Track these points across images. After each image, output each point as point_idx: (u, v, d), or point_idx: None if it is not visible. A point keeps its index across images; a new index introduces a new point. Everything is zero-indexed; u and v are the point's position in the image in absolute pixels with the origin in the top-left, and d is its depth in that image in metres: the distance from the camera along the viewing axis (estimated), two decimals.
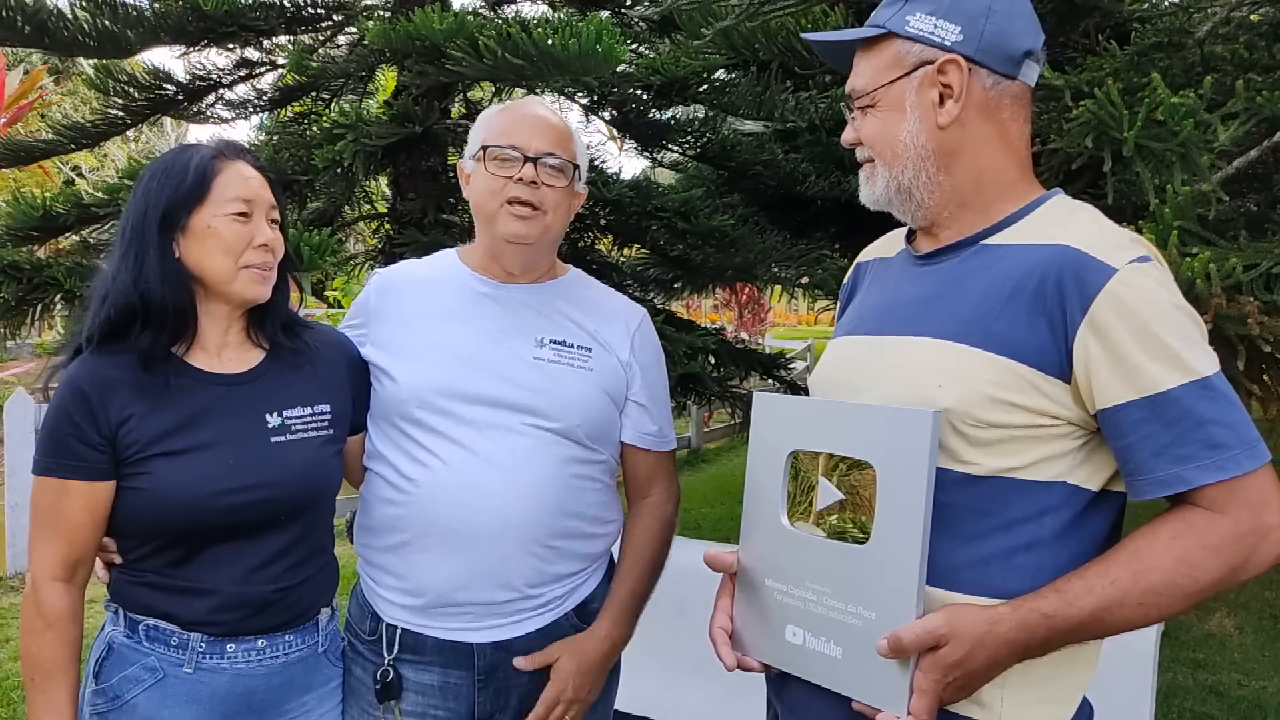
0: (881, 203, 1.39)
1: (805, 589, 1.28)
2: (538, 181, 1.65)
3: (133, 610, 1.54)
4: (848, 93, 1.40)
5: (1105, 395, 1.17)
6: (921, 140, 1.33)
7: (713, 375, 4.42)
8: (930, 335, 1.28)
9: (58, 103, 16.42)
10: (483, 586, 1.63)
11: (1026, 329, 1.20)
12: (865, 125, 1.38)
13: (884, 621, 1.18)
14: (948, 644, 1.14)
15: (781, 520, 1.32)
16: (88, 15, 4.01)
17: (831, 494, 1.27)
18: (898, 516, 1.19)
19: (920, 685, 1.14)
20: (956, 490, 1.21)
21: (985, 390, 1.20)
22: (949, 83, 1.30)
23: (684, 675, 3.18)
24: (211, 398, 1.54)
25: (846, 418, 1.28)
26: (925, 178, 1.33)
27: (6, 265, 3.50)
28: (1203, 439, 1.14)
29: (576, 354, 1.71)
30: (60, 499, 1.48)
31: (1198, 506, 1.16)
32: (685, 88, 4.20)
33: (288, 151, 3.96)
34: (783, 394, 1.55)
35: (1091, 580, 1.16)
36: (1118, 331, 1.16)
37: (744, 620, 1.38)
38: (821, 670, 1.26)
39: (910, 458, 1.18)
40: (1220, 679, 4.13)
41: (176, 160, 1.54)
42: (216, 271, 1.53)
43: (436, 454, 1.63)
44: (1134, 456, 1.17)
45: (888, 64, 1.34)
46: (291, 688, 1.60)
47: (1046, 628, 1.15)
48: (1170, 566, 1.14)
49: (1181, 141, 1.75)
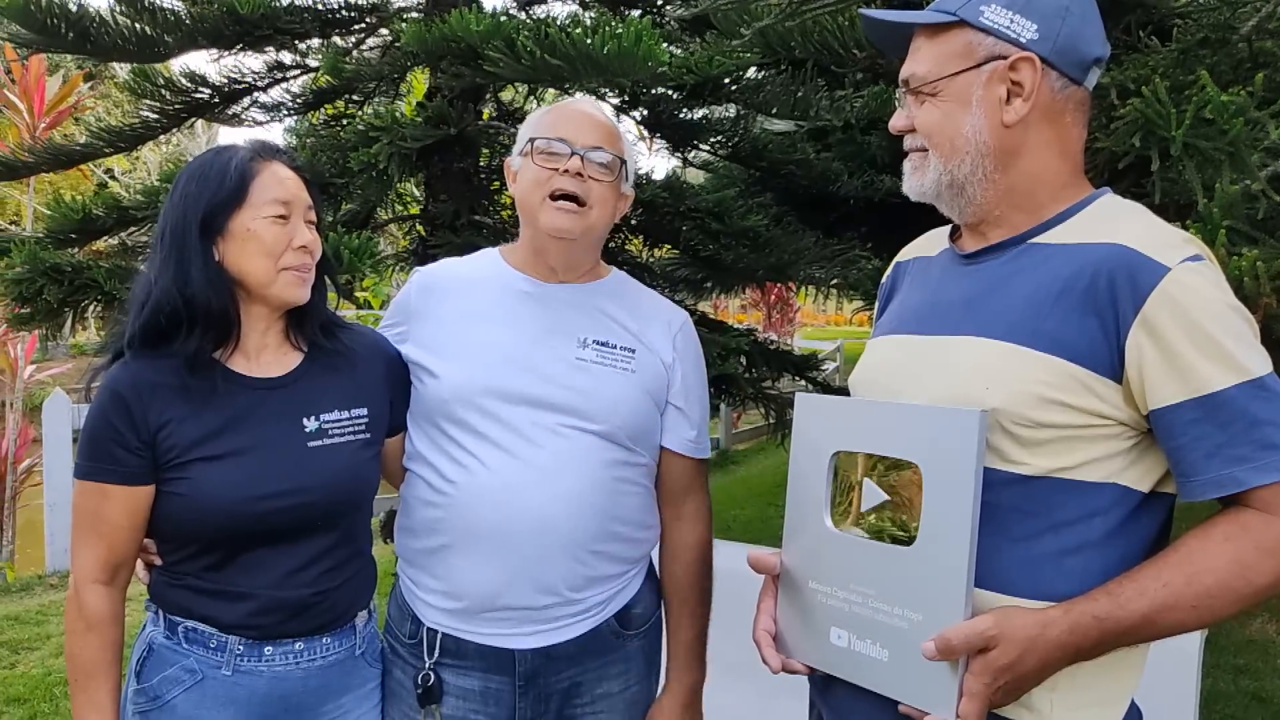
0: (929, 195, 1.35)
1: (850, 591, 1.27)
2: (584, 175, 1.64)
3: (172, 612, 1.55)
4: (904, 78, 1.35)
5: (1157, 395, 1.16)
6: (984, 136, 1.30)
7: (745, 376, 4.39)
8: (977, 334, 1.27)
9: (92, 107, 16.65)
10: (523, 591, 1.62)
11: (1077, 328, 1.19)
12: (923, 114, 1.33)
13: (931, 623, 1.16)
14: (998, 646, 1.13)
15: (825, 522, 1.31)
16: (127, 21, 4.05)
17: (876, 495, 1.26)
18: (945, 517, 1.17)
19: (970, 688, 1.13)
20: (1004, 490, 1.19)
21: (1035, 390, 1.18)
22: (1020, 81, 1.27)
23: (719, 676, 3.16)
24: (249, 402, 1.54)
25: (891, 418, 1.27)
26: (981, 174, 1.31)
27: (49, 267, 3.54)
28: (1257, 440, 1.12)
29: (620, 355, 1.70)
30: (100, 503, 1.49)
31: (1251, 508, 1.14)
32: (718, 87, 4.17)
33: (324, 154, 3.97)
34: (823, 395, 1.53)
35: (1144, 583, 1.14)
36: (1171, 331, 1.14)
37: (788, 622, 1.37)
38: (867, 672, 1.25)
39: (958, 458, 1.16)
40: (1263, 685, 4.06)
41: (214, 163, 1.54)
42: (256, 274, 1.53)
43: (477, 456, 1.62)
44: (1186, 457, 1.16)
45: (956, 53, 1.30)
46: (329, 690, 1.61)
47: (1098, 631, 1.14)
48: (1224, 569, 1.13)
49: (1231, 140, 1.72)
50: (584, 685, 1.69)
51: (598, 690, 1.71)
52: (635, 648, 1.75)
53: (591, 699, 1.71)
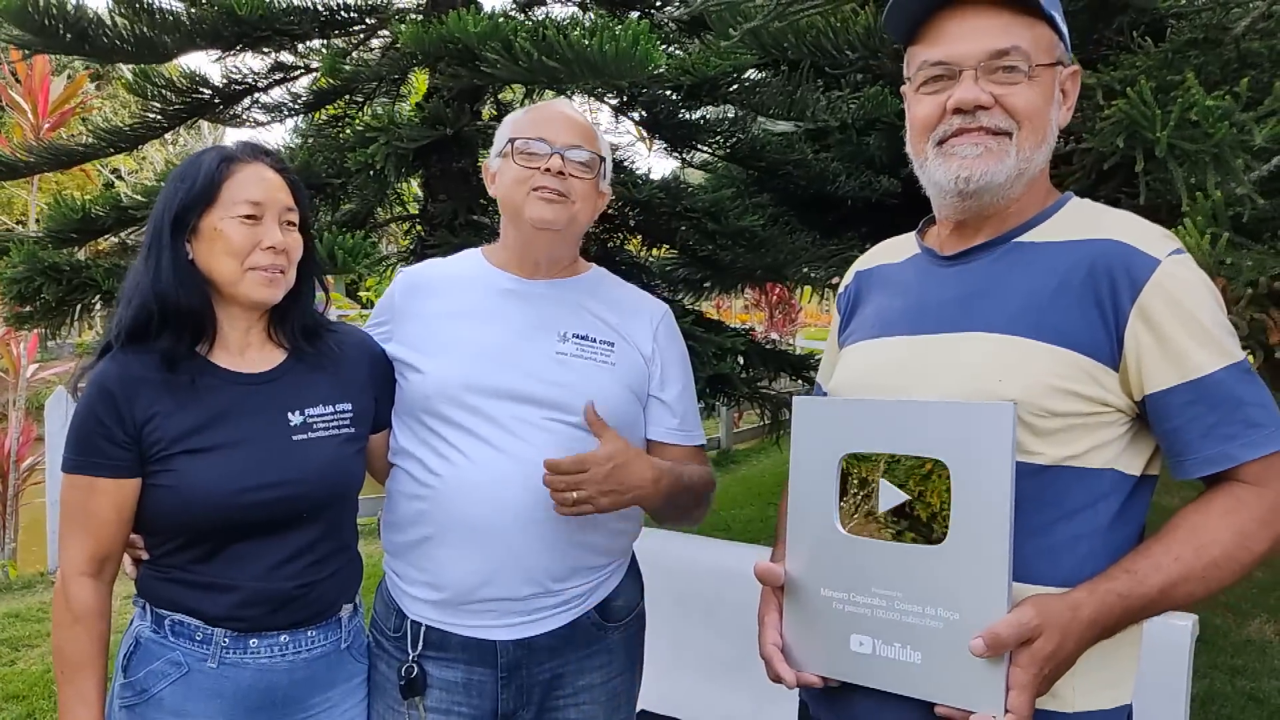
0: (994, 182, 1.29)
1: (871, 595, 1.24)
2: (565, 172, 1.66)
3: (159, 605, 1.57)
4: (999, 49, 1.27)
5: (1154, 380, 1.21)
6: (1055, 134, 1.33)
7: (742, 376, 4.39)
8: (980, 330, 1.29)
9: (98, 107, 16.70)
10: (505, 581, 1.64)
11: (1080, 320, 1.23)
12: (1022, 93, 1.28)
13: (971, 621, 1.16)
14: (1041, 635, 1.14)
15: (836, 527, 1.28)
16: (126, 22, 4.07)
17: (895, 496, 1.24)
18: (979, 512, 1.17)
19: (1019, 681, 1.13)
20: (1023, 481, 1.20)
21: (1048, 380, 1.22)
22: (1067, 90, 1.34)
23: (713, 677, 3.18)
24: (235, 397, 1.56)
25: (911, 416, 1.25)
26: (1035, 170, 1.32)
27: (48, 267, 3.56)
28: (1244, 418, 1.19)
29: (599, 348, 1.72)
30: (88, 496, 1.50)
31: (1241, 482, 1.20)
32: (715, 88, 4.18)
33: (321, 154, 3.99)
34: (826, 397, 1.51)
35: (1157, 558, 1.18)
36: (1166, 319, 1.20)
37: (797, 634, 1.34)
38: (896, 678, 1.22)
39: (991, 452, 1.17)
40: (1259, 685, 4.06)
41: (192, 164, 1.57)
42: (224, 273, 1.55)
43: (460, 449, 1.64)
44: (1182, 437, 1.22)
45: (1048, 45, 1.31)
46: (314, 683, 1.62)
47: (1122, 607, 1.18)
48: (1229, 540, 1.18)
49: (1216, 143, 1.72)
50: (566, 677, 1.71)
51: (580, 682, 1.73)
52: (617, 640, 1.77)
53: (574, 690, 1.72)
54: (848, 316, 1.57)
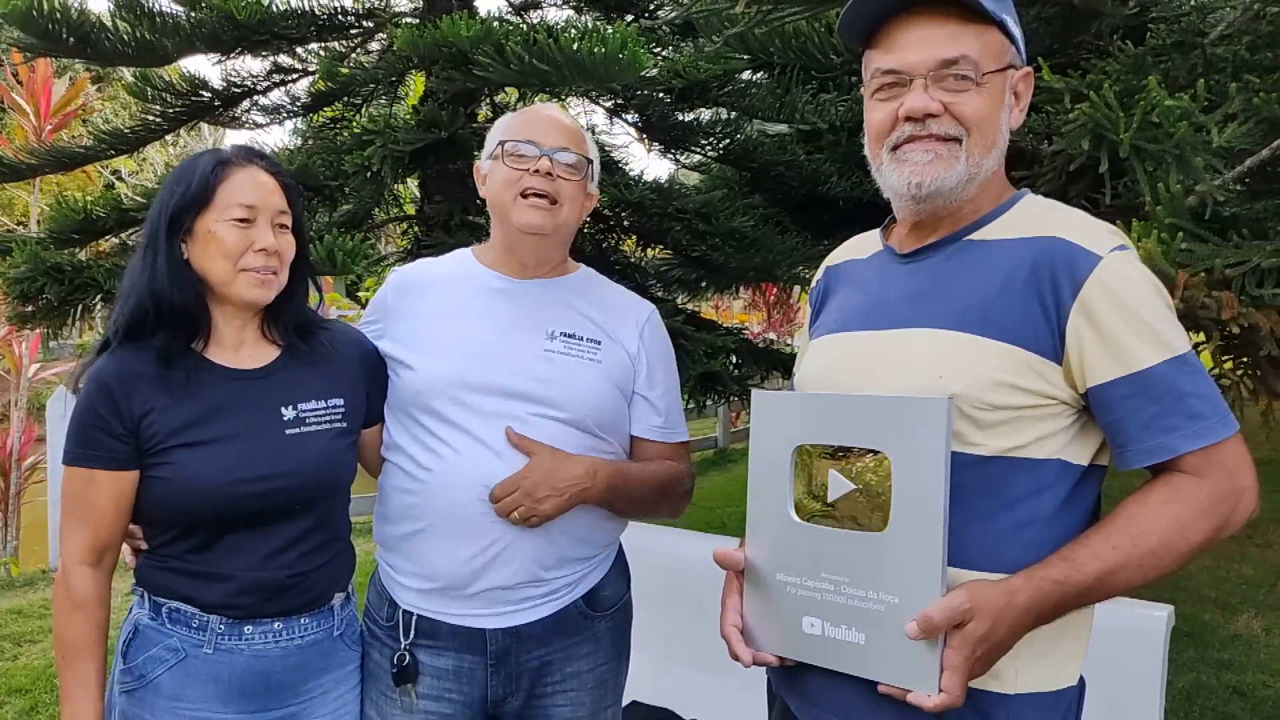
0: (944, 187, 1.33)
1: (821, 580, 1.29)
2: (553, 174, 1.72)
3: (157, 594, 1.62)
4: (947, 58, 1.30)
5: (1095, 373, 1.24)
6: (1005, 137, 1.37)
7: (733, 375, 4.45)
8: (928, 326, 1.33)
9: (100, 109, 16.75)
10: (494, 572, 1.69)
11: (1022, 315, 1.26)
12: (970, 100, 1.31)
13: (909, 605, 1.20)
14: (973, 619, 1.18)
15: (790, 515, 1.34)
16: (127, 26, 4.13)
17: (842, 485, 1.29)
18: (916, 502, 1.22)
19: (951, 662, 1.18)
20: (965, 472, 1.25)
21: (989, 375, 1.25)
22: (1019, 92, 1.37)
23: (704, 669, 3.22)
24: (229, 392, 1.61)
25: (856, 410, 1.30)
26: (987, 173, 1.36)
27: (50, 267, 3.62)
28: (1184, 410, 1.22)
29: (585, 346, 1.77)
30: (87, 488, 1.56)
31: (1181, 472, 1.23)
32: (707, 90, 4.24)
33: (319, 157, 4.05)
34: (781, 392, 1.56)
35: (1095, 547, 1.22)
36: (1106, 314, 1.23)
37: (755, 616, 1.39)
38: (843, 658, 1.28)
39: (927, 444, 1.21)
40: (1245, 679, 4.10)
41: (188, 167, 1.62)
42: (217, 274, 1.60)
43: (450, 444, 1.70)
44: (1123, 429, 1.25)
45: (997, 50, 1.34)
46: (308, 669, 1.67)
47: (1058, 594, 1.21)
48: (1165, 529, 1.22)
49: (1177, 143, 1.78)
50: (553, 664, 1.76)
51: (567, 669, 1.78)
52: (603, 629, 1.82)
53: (561, 677, 1.78)
54: (817, 310, 1.63)
